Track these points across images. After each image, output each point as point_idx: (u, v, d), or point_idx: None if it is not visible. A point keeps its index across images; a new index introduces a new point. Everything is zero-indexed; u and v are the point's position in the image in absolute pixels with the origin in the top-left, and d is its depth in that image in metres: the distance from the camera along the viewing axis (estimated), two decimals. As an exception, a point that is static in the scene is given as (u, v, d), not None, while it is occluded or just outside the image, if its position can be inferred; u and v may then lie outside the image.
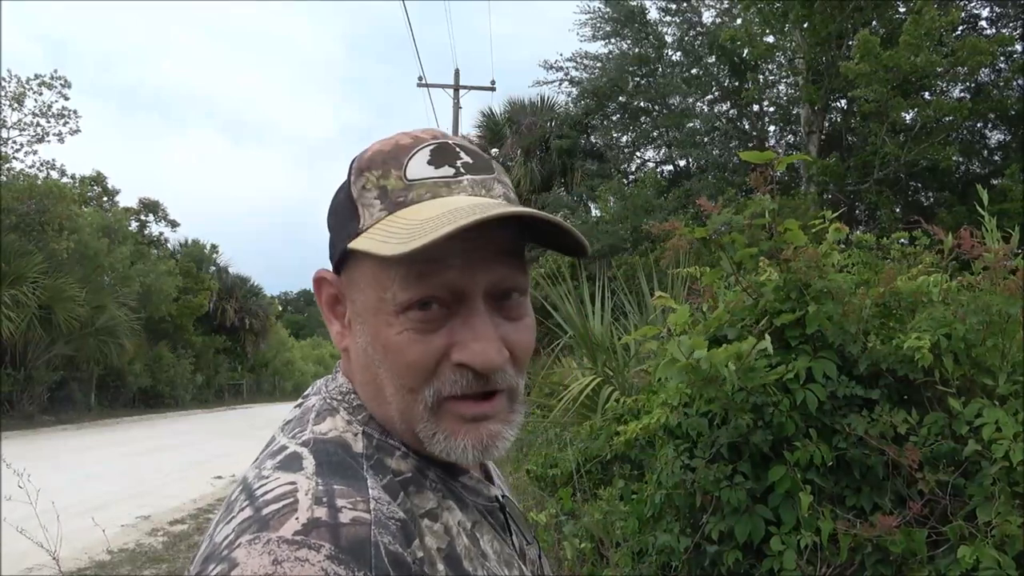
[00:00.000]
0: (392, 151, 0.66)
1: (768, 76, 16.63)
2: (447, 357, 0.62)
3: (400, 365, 0.62)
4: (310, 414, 0.68)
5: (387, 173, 0.65)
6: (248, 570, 0.51)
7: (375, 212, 0.64)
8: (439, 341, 0.62)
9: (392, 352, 0.63)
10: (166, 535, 6.83)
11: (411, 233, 0.58)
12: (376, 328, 0.64)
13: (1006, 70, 14.20)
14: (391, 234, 0.60)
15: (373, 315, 0.64)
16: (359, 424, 0.67)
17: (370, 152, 0.67)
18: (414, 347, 0.62)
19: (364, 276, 0.65)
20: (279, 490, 0.58)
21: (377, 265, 0.63)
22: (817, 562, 2.35)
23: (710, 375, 2.52)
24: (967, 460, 2.35)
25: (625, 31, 18.30)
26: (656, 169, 19.38)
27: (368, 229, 0.63)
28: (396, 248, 0.58)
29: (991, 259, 2.64)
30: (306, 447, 0.63)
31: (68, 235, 18.39)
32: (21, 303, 16.96)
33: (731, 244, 2.80)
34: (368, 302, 0.64)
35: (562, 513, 3.54)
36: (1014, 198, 11.21)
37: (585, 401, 5.20)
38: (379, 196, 0.64)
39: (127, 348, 21.28)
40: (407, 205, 0.63)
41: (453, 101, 19.97)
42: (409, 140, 0.67)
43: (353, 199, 0.66)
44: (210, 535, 0.59)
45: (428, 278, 0.61)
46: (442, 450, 0.64)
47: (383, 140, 0.69)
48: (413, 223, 0.60)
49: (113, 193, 25.60)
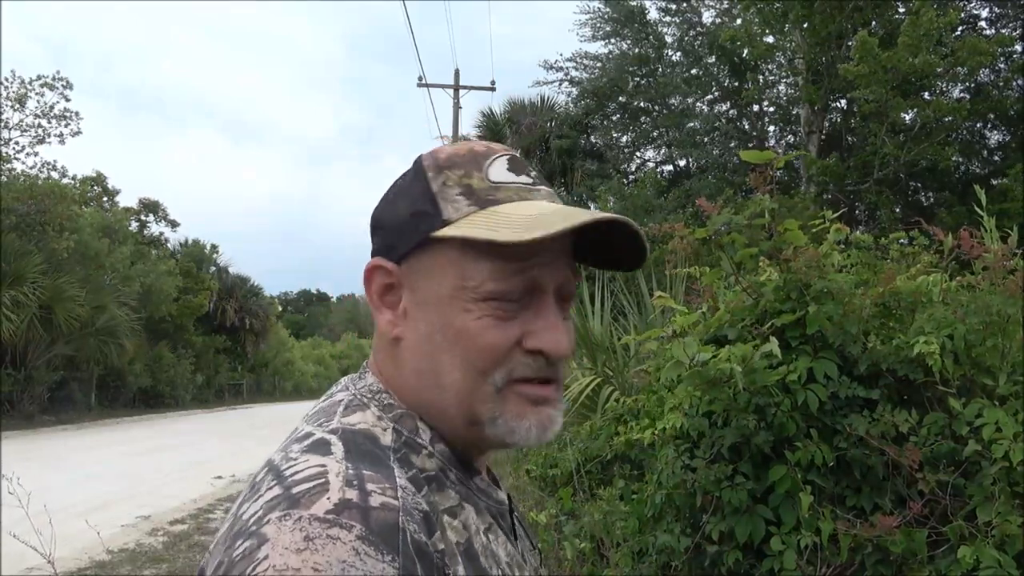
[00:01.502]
0: (469, 155, 0.71)
1: (768, 76, 16.64)
2: (519, 345, 0.66)
3: (475, 349, 0.66)
4: (338, 407, 0.69)
5: (469, 174, 0.69)
6: (280, 545, 0.51)
7: (461, 207, 0.67)
8: (515, 329, 0.66)
9: (467, 336, 0.66)
10: (166, 535, 6.83)
11: (525, 225, 0.63)
12: (449, 314, 0.67)
13: (1006, 70, 14.20)
14: (497, 225, 0.64)
15: (447, 302, 0.67)
16: (390, 420, 0.68)
17: (445, 154, 0.71)
18: (493, 332, 0.66)
19: (439, 265, 0.68)
20: (309, 471, 0.58)
21: (460, 255, 0.66)
22: (817, 562, 2.35)
23: (716, 377, 2.52)
24: (967, 460, 2.35)
25: (625, 31, 18.30)
26: (656, 169, 19.40)
27: (457, 221, 0.67)
28: (513, 236, 0.63)
29: (991, 259, 2.64)
30: (334, 435, 0.64)
31: (68, 235, 18.39)
32: (21, 303, 16.96)
33: (731, 244, 2.80)
34: (441, 290, 0.67)
35: (562, 513, 3.54)
36: (1014, 198, 11.21)
37: (585, 401, 5.20)
38: (463, 193, 0.68)
39: (127, 348, 21.28)
40: (498, 203, 0.67)
41: (453, 101, 19.98)
42: (483, 148, 0.72)
43: (432, 193, 0.69)
44: (234, 514, 0.59)
45: (520, 272, 0.66)
46: (504, 431, 0.67)
47: (455, 145, 0.73)
48: (521, 217, 0.65)
49: (113, 193, 25.59)
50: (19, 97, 18.89)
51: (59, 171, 20.32)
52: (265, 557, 0.51)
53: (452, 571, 0.60)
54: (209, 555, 0.58)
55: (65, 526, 5.57)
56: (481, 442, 0.70)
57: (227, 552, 0.55)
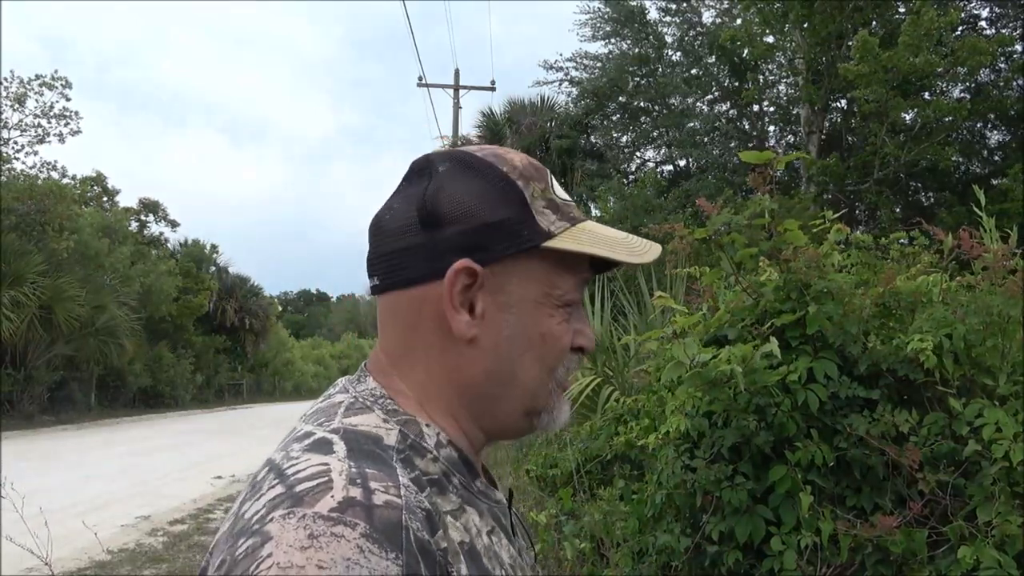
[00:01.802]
0: (534, 167, 0.74)
1: (768, 76, 16.63)
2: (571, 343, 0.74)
3: (556, 349, 0.73)
4: (338, 408, 0.69)
5: (547, 189, 0.73)
6: (284, 543, 0.51)
7: (552, 220, 0.71)
8: (571, 332, 0.74)
9: (553, 338, 0.72)
10: (166, 535, 6.83)
11: (628, 248, 0.73)
12: (536, 318, 0.72)
13: (1006, 70, 14.19)
14: (607, 244, 0.72)
15: (533, 307, 0.71)
16: (395, 423, 0.68)
17: (520, 163, 0.73)
18: (568, 335, 0.74)
19: (529, 271, 0.71)
20: (312, 470, 0.58)
21: (555, 265, 0.72)
22: (817, 562, 2.35)
23: (717, 377, 2.52)
24: (967, 460, 2.35)
25: (625, 31, 18.28)
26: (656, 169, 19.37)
27: (560, 235, 0.71)
28: (632, 259, 0.72)
29: (990, 259, 2.64)
30: (336, 434, 0.64)
31: (68, 235, 18.39)
32: (21, 303, 16.96)
33: (731, 244, 2.80)
34: (528, 295, 0.71)
35: (562, 513, 3.54)
36: (1014, 198, 11.20)
37: (585, 401, 5.20)
38: (548, 207, 0.72)
39: (127, 348, 21.28)
40: (579, 221, 0.73)
41: (453, 101, 19.99)
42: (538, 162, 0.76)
43: (527, 203, 0.71)
44: (235, 513, 0.59)
45: (585, 284, 0.75)
46: (549, 420, 0.75)
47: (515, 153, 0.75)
48: (611, 238, 0.73)
49: (113, 193, 25.60)
50: (18, 97, 18.88)
51: (59, 171, 20.35)
52: (269, 555, 0.51)
53: (455, 570, 0.60)
54: (210, 554, 0.58)
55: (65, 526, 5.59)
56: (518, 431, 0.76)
57: (230, 550, 0.54)
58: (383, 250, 0.71)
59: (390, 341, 0.73)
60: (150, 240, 28.10)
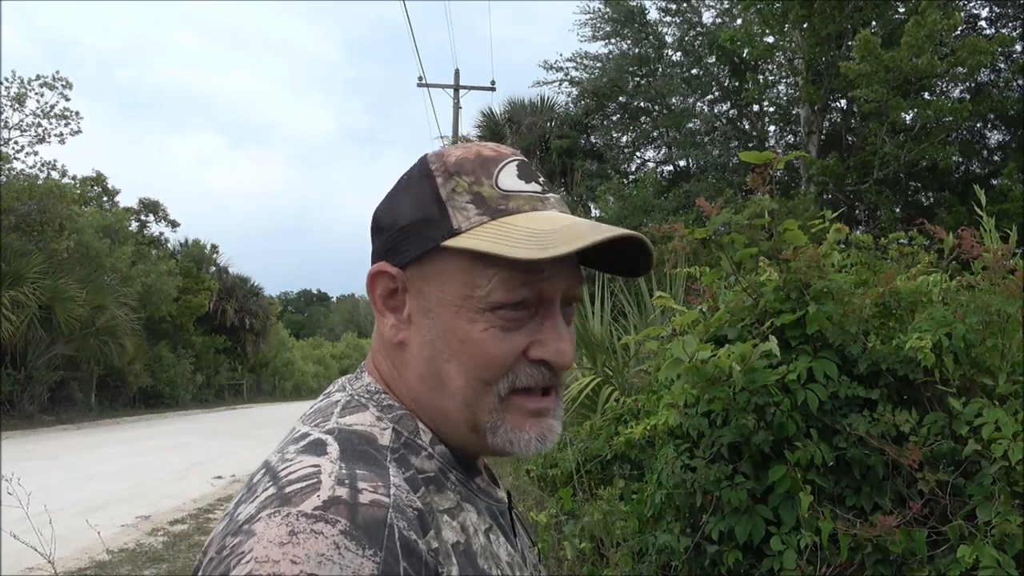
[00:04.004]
0: (478, 159, 0.70)
1: (768, 76, 16.62)
2: (525, 354, 0.67)
3: (481, 359, 0.66)
4: (335, 407, 0.69)
5: (479, 181, 0.68)
6: (264, 539, 0.53)
7: (471, 216, 0.67)
8: (521, 340, 0.66)
9: (473, 346, 0.66)
10: (166, 535, 6.83)
11: (540, 241, 0.63)
12: (454, 322, 0.67)
13: (1006, 70, 14.20)
14: (513, 239, 0.64)
15: (452, 311, 0.67)
16: (389, 421, 0.68)
17: (454, 158, 0.70)
18: (499, 344, 0.66)
19: (446, 273, 0.67)
20: (303, 471, 0.59)
21: (471, 264, 0.66)
22: (817, 562, 2.35)
23: (715, 376, 2.52)
24: (967, 460, 2.35)
25: (625, 31, 18.27)
26: (656, 169, 19.37)
27: (469, 231, 0.66)
28: (529, 253, 0.62)
29: (990, 259, 2.64)
30: (330, 435, 0.65)
31: (68, 235, 18.38)
32: (21, 303, 16.95)
33: (731, 244, 2.80)
34: (446, 297, 0.67)
35: (562, 513, 3.53)
36: (1013, 198, 11.21)
37: (585, 401, 5.20)
38: (473, 201, 0.67)
39: (127, 348, 21.27)
40: (508, 213, 0.67)
41: (453, 101, 19.99)
42: (491, 152, 0.71)
43: (442, 200, 0.68)
44: (230, 514, 0.60)
45: (528, 283, 0.66)
46: (505, 440, 0.67)
47: (463, 147, 0.72)
48: (534, 231, 0.64)
49: (113, 193, 25.60)
50: (18, 97, 18.87)
51: (59, 171, 20.32)
52: (250, 550, 0.52)
53: (446, 571, 0.60)
54: (203, 554, 0.59)
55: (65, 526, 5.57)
56: (482, 449, 0.70)
57: (218, 549, 0.56)
58: None
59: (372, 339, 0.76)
60: (150, 240, 28.08)
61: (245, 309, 33.68)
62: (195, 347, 29.25)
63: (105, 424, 19.10)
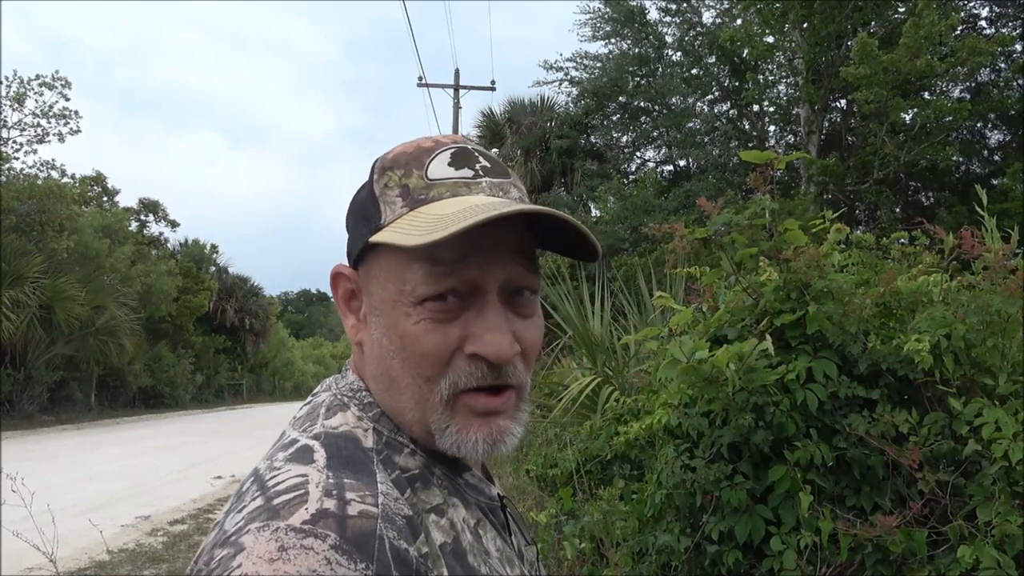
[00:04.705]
0: (414, 152, 0.69)
1: (768, 76, 16.62)
2: (461, 349, 0.64)
3: (417, 354, 0.65)
4: (320, 409, 0.70)
5: (409, 172, 0.68)
6: (254, 555, 0.52)
7: (396, 208, 0.66)
8: (455, 331, 0.64)
9: (409, 341, 0.65)
10: (166, 535, 6.83)
11: (432, 226, 0.61)
12: (394, 319, 0.66)
13: (1006, 70, 14.21)
14: (413, 227, 0.63)
15: (391, 307, 0.66)
16: (370, 420, 0.68)
17: (393, 153, 0.70)
18: (431, 336, 0.64)
19: (383, 269, 0.67)
20: (290, 481, 0.59)
21: (398, 259, 0.65)
22: (817, 562, 2.35)
23: (712, 376, 2.52)
24: (967, 460, 2.35)
25: (625, 31, 18.28)
26: (656, 169, 19.38)
27: (390, 224, 0.66)
28: (417, 239, 0.60)
29: (991, 259, 2.64)
30: (317, 440, 0.65)
31: (68, 235, 18.38)
32: (21, 303, 16.95)
33: (731, 244, 2.80)
34: (386, 294, 0.67)
35: (562, 513, 3.53)
36: (1014, 198, 11.21)
37: (585, 401, 5.19)
38: (401, 194, 0.67)
39: (127, 348, 21.27)
40: (428, 202, 0.66)
41: (453, 101, 19.98)
42: (431, 143, 0.70)
43: (375, 196, 0.68)
44: (220, 524, 0.60)
45: (450, 274, 0.64)
46: (453, 443, 0.65)
47: (406, 143, 0.71)
48: (434, 217, 0.63)
49: (113, 193, 25.59)
50: (18, 96, 18.87)
51: (59, 170, 20.32)
52: (239, 566, 0.52)
53: (436, 574, 0.60)
54: (194, 563, 0.58)
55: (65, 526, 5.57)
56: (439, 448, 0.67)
57: (208, 563, 0.55)
58: None
59: None
60: (150, 240, 28.07)
61: (245, 309, 33.67)
62: (195, 347, 29.24)
63: (105, 424, 19.10)
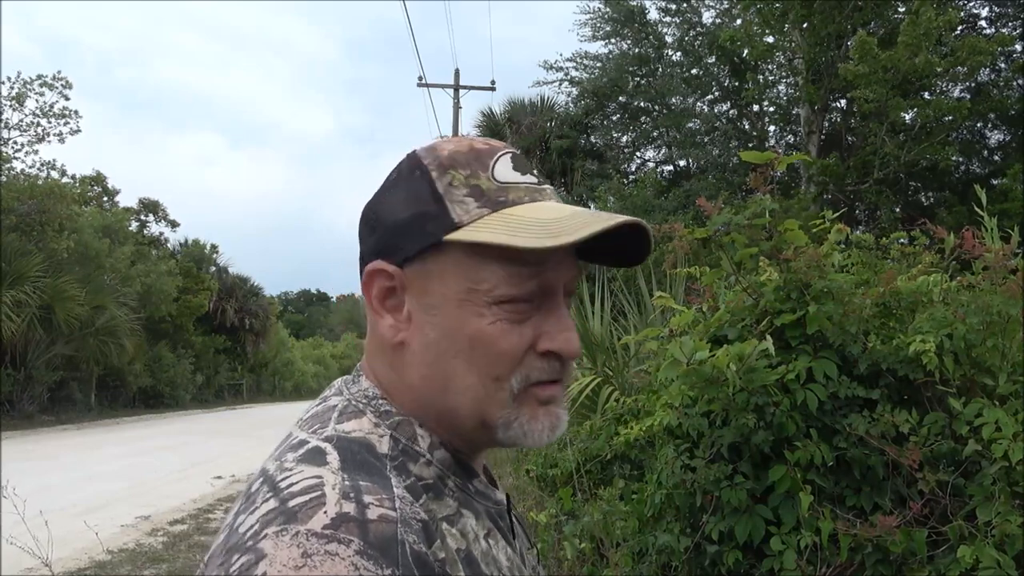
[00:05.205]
0: (472, 153, 0.68)
1: (768, 76, 16.63)
2: (533, 347, 0.66)
3: (492, 354, 0.65)
4: (332, 413, 0.68)
5: (476, 174, 0.67)
6: (277, 562, 0.51)
7: (471, 208, 0.65)
8: (528, 332, 0.66)
9: (482, 341, 0.65)
10: (166, 535, 6.83)
11: (548, 230, 0.62)
12: (460, 319, 0.65)
13: (1006, 70, 14.22)
14: (519, 229, 0.63)
15: (456, 306, 0.65)
16: (387, 427, 0.67)
17: (446, 151, 0.68)
18: (508, 337, 0.65)
19: (450, 268, 0.66)
20: (305, 483, 0.57)
21: (473, 258, 0.65)
22: (817, 562, 2.35)
23: (712, 376, 2.52)
24: (967, 460, 2.35)
25: (625, 31, 18.29)
26: (656, 169, 19.40)
27: (470, 224, 0.65)
28: (535, 242, 0.61)
29: (991, 259, 2.64)
30: (329, 443, 0.63)
31: (68, 235, 18.37)
32: (21, 303, 16.95)
33: (731, 244, 2.80)
34: (450, 293, 0.66)
35: (562, 513, 3.53)
36: (1014, 198, 11.22)
37: (585, 401, 5.19)
38: (471, 194, 0.66)
39: (127, 348, 21.26)
40: (510, 205, 0.66)
41: (453, 101, 19.99)
42: (483, 145, 0.70)
43: (439, 194, 0.66)
44: (229, 525, 0.59)
45: (533, 276, 0.65)
46: (520, 433, 0.67)
47: (451, 141, 0.70)
48: (538, 220, 0.63)
49: (113, 193, 25.59)
50: (18, 96, 18.87)
51: (59, 170, 20.32)
52: (263, 574, 0.51)
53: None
54: (204, 567, 0.57)
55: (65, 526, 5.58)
56: (491, 443, 0.69)
57: (223, 567, 0.54)
58: None
59: (366, 341, 0.75)
60: (150, 240, 28.07)
61: (245, 309, 33.67)
62: (195, 347, 29.24)
63: (105, 424, 19.10)
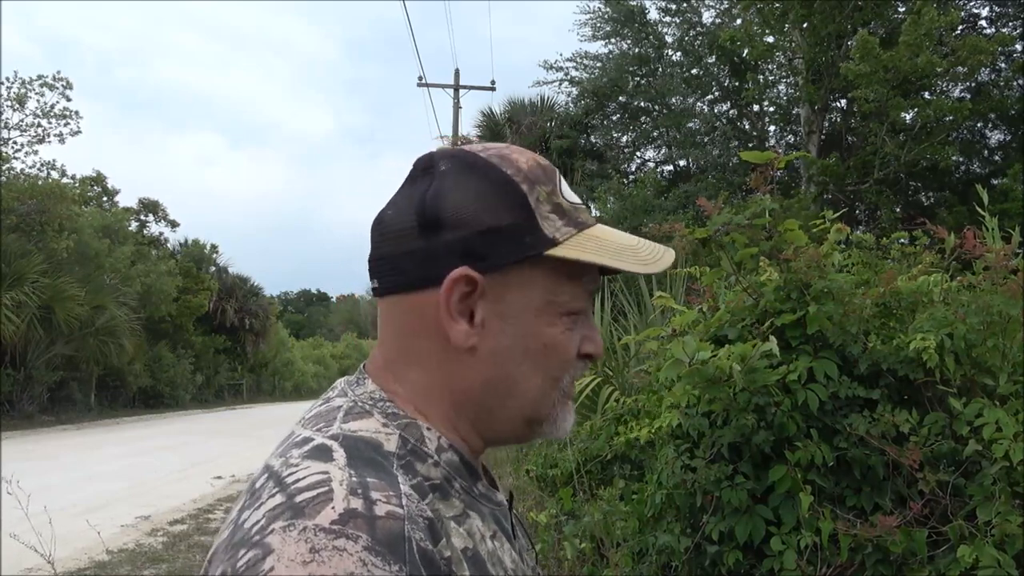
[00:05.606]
0: (541, 169, 0.72)
1: (768, 76, 16.62)
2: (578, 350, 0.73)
3: (560, 359, 0.71)
4: (337, 413, 0.68)
5: (554, 191, 0.71)
6: (285, 557, 0.51)
7: (559, 226, 0.69)
8: (577, 337, 0.73)
9: (555, 348, 0.70)
10: (166, 535, 6.83)
11: (637, 257, 0.71)
12: (537, 327, 0.70)
13: (1006, 70, 14.21)
14: (612, 251, 0.70)
15: (534, 315, 0.69)
16: (395, 428, 0.67)
17: (525, 164, 0.71)
18: (572, 344, 0.72)
19: (534, 279, 0.69)
20: (312, 478, 0.57)
21: (556, 272, 0.69)
22: (817, 562, 2.35)
23: (715, 376, 2.52)
24: (967, 460, 2.35)
25: (625, 31, 18.28)
26: (656, 169, 19.38)
27: (565, 241, 0.69)
28: (642, 268, 0.71)
29: (992, 259, 2.64)
30: (335, 441, 0.63)
31: (68, 235, 18.38)
32: (21, 303, 16.95)
33: (731, 244, 2.80)
34: (530, 304, 0.69)
35: (562, 513, 3.53)
36: (1015, 198, 11.21)
37: (585, 401, 5.20)
38: (554, 211, 0.70)
39: (127, 348, 21.26)
40: (587, 226, 0.71)
41: (453, 101, 20.00)
42: (546, 162, 0.73)
43: (530, 208, 0.68)
44: (234, 522, 0.58)
45: (589, 293, 0.73)
46: (559, 427, 0.74)
47: (518, 151, 0.72)
48: (624, 246, 0.72)
49: (113, 193, 25.56)
50: (19, 97, 18.87)
51: (59, 170, 20.32)
52: (271, 569, 0.51)
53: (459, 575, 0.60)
54: (209, 563, 0.57)
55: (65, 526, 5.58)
56: (525, 438, 0.75)
57: (230, 562, 0.54)
58: (383, 252, 0.70)
59: (389, 344, 0.72)
60: (150, 240, 28.06)
61: (245, 309, 33.66)
62: (195, 347, 29.23)
63: (105, 424, 19.10)
